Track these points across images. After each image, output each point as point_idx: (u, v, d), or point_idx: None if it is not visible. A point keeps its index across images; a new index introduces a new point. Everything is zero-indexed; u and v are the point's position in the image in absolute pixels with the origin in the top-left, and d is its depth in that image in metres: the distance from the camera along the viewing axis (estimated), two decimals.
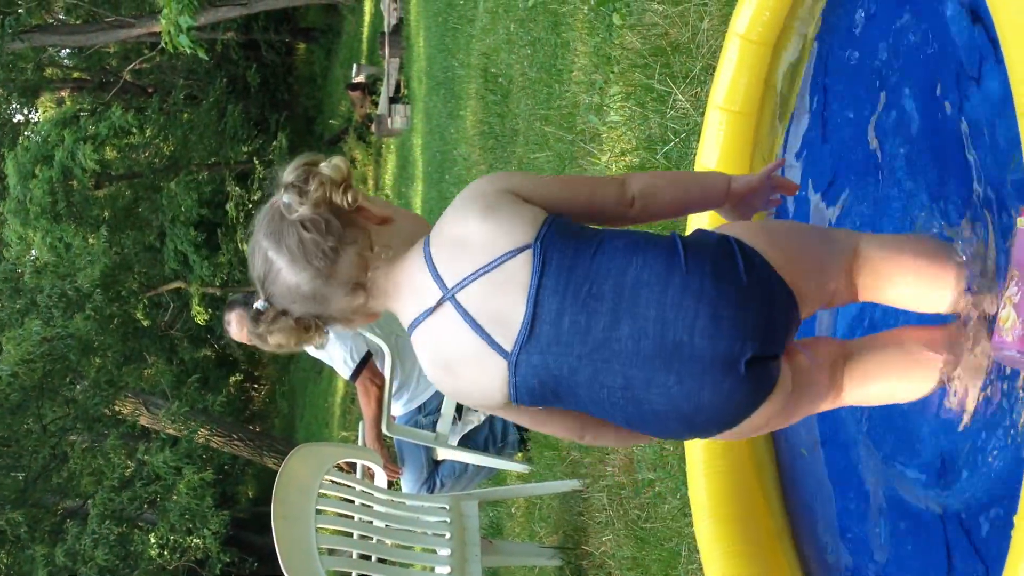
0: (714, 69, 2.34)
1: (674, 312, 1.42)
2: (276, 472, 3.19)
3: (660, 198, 1.63)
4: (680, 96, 3.02)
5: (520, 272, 1.48)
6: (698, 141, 2.37)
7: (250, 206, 19.37)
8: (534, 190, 1.57)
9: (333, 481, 3.27)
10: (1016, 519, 1.21)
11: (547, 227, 1.51)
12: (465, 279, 1.51)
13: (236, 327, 4.70)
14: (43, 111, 23.08)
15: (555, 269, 1.47)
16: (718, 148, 2.22)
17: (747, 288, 1.43)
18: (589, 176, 1.66)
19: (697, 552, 2.22)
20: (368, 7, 19.14)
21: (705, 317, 1.41)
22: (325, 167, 1.56)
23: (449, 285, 1.52)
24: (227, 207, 18.89)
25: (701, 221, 2.18)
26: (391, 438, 4.40)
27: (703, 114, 2.42)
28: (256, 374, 27.97)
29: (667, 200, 1.65)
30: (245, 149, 20.65)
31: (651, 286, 1.44)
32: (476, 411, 4.62)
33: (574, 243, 1.50)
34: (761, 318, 1.42)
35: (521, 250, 1.49)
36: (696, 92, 2.94)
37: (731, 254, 1.46)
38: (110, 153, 18.25)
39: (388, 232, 1.59)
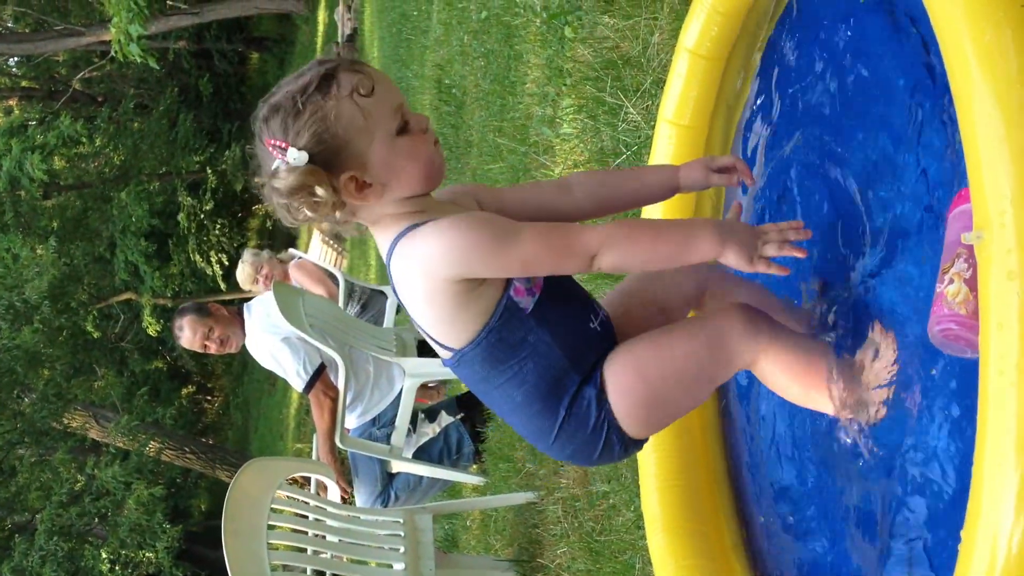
0: (664, 83, 2.36)
1: None
2: (229, 485, 3.15)
3: (630, 270, 1.78)
4: (631, 109, 3.04)
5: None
6: (649, 154, 2.39)
7: (202, 216, 19.17)
8: (499, 255, 1.56)
9: (286, 496, 3.24)
10: (963, 533, 1.23)
11: (472, 347, 1.66)
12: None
13: (189, 333, 4.64)
14: None
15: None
16: (668, 161, 2.24)
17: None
18: (559, 242, 1.61)
19: (651, 565, 2.22)
20: (322, 17, 19.06)
21: None
22: None
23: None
24: (179, 217, 18.70)
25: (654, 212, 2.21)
26: (345, 451, 4.37)
27: (654, 127, 2.44)
28: (209, 386, 27.65)
29: (637, 270, 1.81)
30: (197, 159, 20.45)
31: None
32: (431, 423, 4.60)
33: (483, 373, 1.70)
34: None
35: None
36: (647, 105, 2.96)
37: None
38: (59, 163, 17.99)
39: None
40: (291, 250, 6.46)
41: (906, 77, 1.66)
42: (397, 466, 4.36)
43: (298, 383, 4.44)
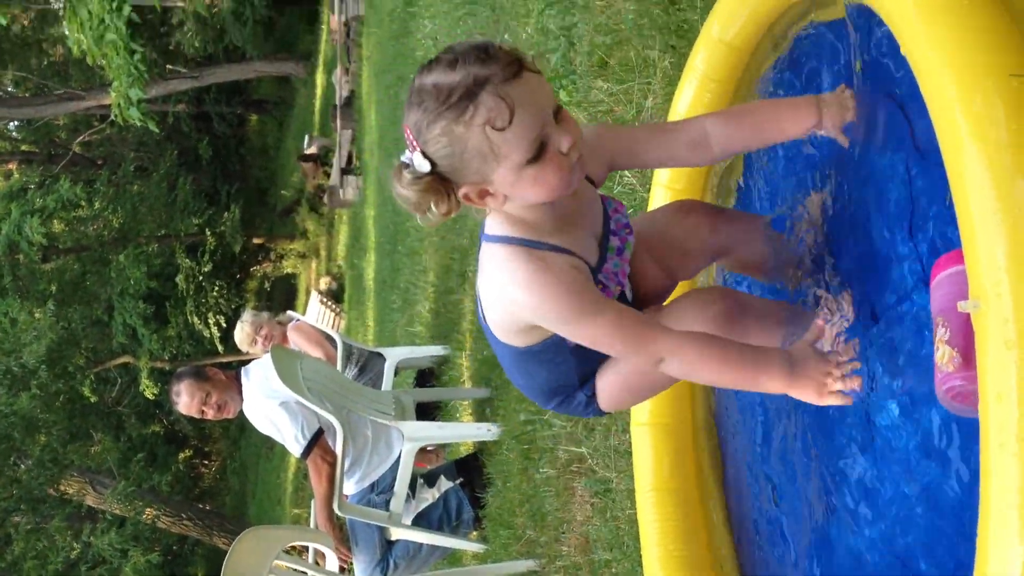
0: None
1: None
2: (226, 553, 3.11)
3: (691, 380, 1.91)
4: (627, 173, 3.06)
5: None
6: None
7: (200, 278, 19.20)
8: (573, 327, 1.67)
9: (284, 566, 3.20)
10: None
11: (510, 348, 1.83)
12: None
13: (186, 398, 4.60)
14: None
15: None
16: None
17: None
18: (633, 337, 1.66)
19: None
20: (320, 80, 19.28)
21: None
22: None
23: None
24: (177, 279, 18.72)
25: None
26: (344, 517, 4.32)
27: (649, 190, 2.45)
28: (206, 450, 27.44)
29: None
30: (196, 221, 20.54)
31: None
32: (430, 488, 4.55)
33: (508, 358, 1.91)
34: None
35: None
36: (642, 170, 2.98)
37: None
38: (58, 226, 18.06)
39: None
40: (289, 312, 6.45)
41: (898, 152, 1.66)
42: (396, 533, 4.30)
43: (296, 448, 4.40)
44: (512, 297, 1.67)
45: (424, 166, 1.54)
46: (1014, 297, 1.18)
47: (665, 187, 2.23)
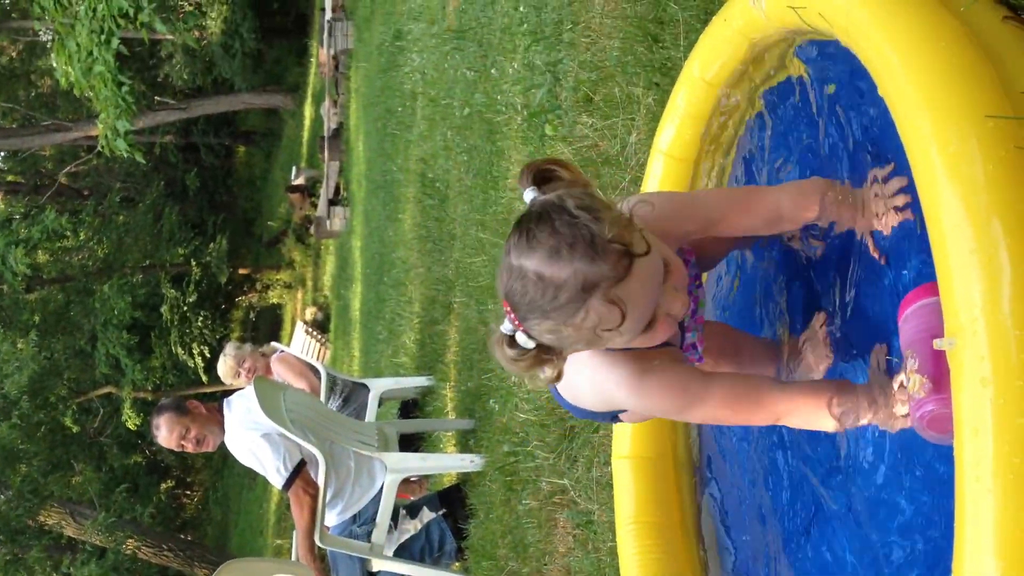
0: (641, 181, 2.40)
1: None
2: None
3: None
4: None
5: None
6: None
7: (185, 308, 19.13)
8: (683, 415, 1.81)
9: None
10: None
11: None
12: None
13: (165, 432, 4.57)
14: None
15: None
16: None
17: None
18: (747, 405, 1.67)
19: None
20: (308, 111, 19.37)
21: None
22: None
23: None
24: (162, 309, 18.65)
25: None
26: (325, 549, 4.29)
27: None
28: (188, 480, 27.22)
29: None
30: (181, 251, 20.52)
31: None
32: (412, 520, 4.54)
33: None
34: None
35: None
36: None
37: None
38: (42, 256, 18.00)
39: None
40: (273, 343, 6.44)
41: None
42: (378, 564, 4.27)
43: (277, 480, 4.38)
44: (615, 399, 1.69)
45: (529, 344, 1.47)
46: (989, 335, 1.19)
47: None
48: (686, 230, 1.72)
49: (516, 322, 1.46)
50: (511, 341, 1.48)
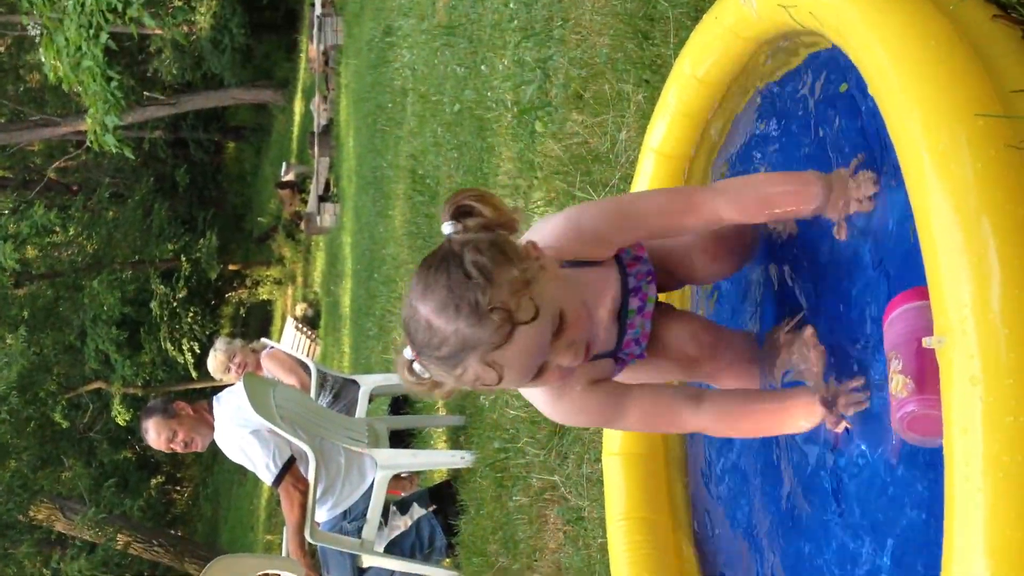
0: (631, 179, 2.40)
1: None
2: None
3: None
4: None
5: None
6: None
7: (175, 304, 19.08)
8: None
9: None
10: None
11: None
12: None
13: (153, 435, 4.60)
14: None
15: None
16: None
17: None
18: (664, 420, 1.75)
19: None
20: (298, 107, 19.32)
21: None
22: None
23: None
24: (151, 305, 18.60)
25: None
26: (316, 545, 4.29)
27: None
28: (179, 476, 27.19)
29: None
30: (171, 247, 20.46)
31: None
32: (403, 516, 4.54)
33: None
34: None
35: None
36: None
37: None
38: (31, 251, 17.93)
39: None
40: (263, 340, 6.43)
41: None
42: (368, 560, 4.28)
43: (267, 476, 4.38)
44: (543, 410, 1.76)
45: (425, 373, 1.54)
46: (979, 333, 1.19)
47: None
48: (633, 238, 1.76)
49: (414, 352, 1.52)
50: (410, 366, 1.54)
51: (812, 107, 1.90)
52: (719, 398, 1.79)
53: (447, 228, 1.53)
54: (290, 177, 16.03)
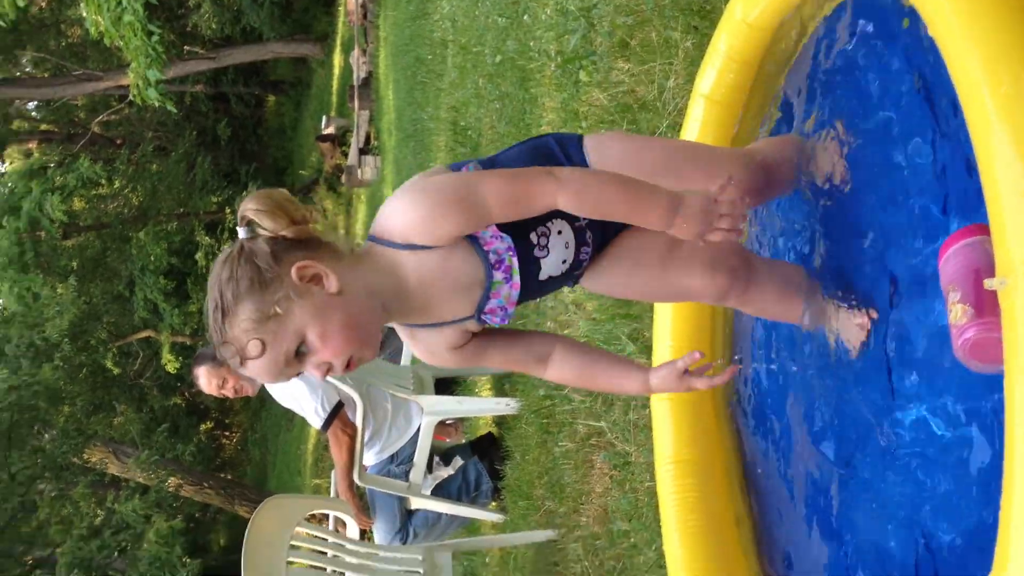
0: (680, 127, 2.40)
1: None
2: (247, 520, 3.17)
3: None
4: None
5: None
6: None
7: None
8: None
9: (305, 533, 3.26)
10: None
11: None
12: None
13: (204, 382, 4.70)
14: (10, 163, 22.94)
15: None
16: None
17: None
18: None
19: None
20: (337, 60, 19.28)
21: None
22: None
23: None
24: (196, 256, 18.82)
25: None
26: (363, 488, 4.39)
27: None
28: (227, 422, 27.68)
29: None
30: (214, 199, 20.63)
31: None
32: (446, 467, 4.62)
33: None
34: None
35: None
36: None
37: None
38: (78, 204, 18.17)
39: None
40: None
41: (928, 128, 1.69)
42: (416, 503, 4.37)
43: (316, 421, 4.46)
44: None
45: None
46: None
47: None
48: (474, 228, 1.69)
49: None
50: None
51: (866, 47, 1.89)
52: (560, 363, 1.88)
53: (241, 232, 1.65)
54: (330, 130, 16.05)
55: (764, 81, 2.17)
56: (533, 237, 1.73)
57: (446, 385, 5.41)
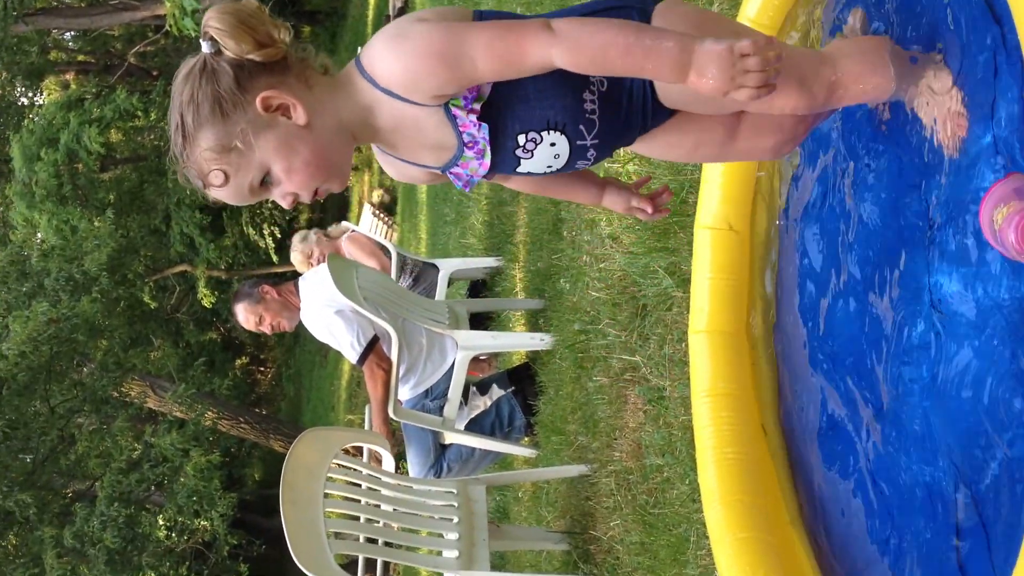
0: None
1: None
2: (282, 455, 3.20)
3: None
4: None
5: None
6: None
7: None
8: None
9: (340, 465, 3.29)
10: None
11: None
12: None
13: (242, 319, 4.82)
14: (48, 94, 23.07)
15: None
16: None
17: None
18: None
19: (706, 538, 2.22)
20: None
21: None
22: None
23: None
24: None
25: None
26: (398, 422, 4.42)
27: None
28: (262, 357, 28.08)
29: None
30: None
31: None
32: (482, 396, 4.63)
33: None
34: None
35: None
36: None
37: None
38: (115, 136, 18.25)
39: None
40: (343, 223, 6.50)
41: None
42: (449, 438, 4.39)
43: (352, 355, 4.48)
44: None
45: None
46: None
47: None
48: (457, 88, 1.56)
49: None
50: None
51: None
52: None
53: (204, 47, 1.54)
54: None
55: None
56: (521, 139, 1.63)
57: (480, 320, 5.41)
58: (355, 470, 3.37)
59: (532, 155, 1.65)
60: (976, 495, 1.56)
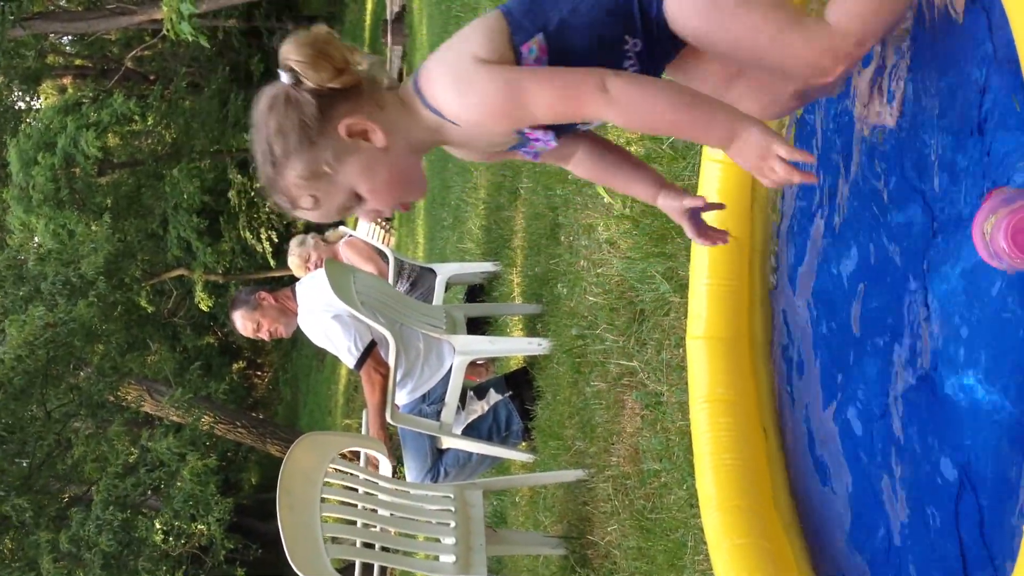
0: None
1: None
2: (279, 459, 3.20)
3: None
4: None
5: None
6: None
7: (252, 193, 19.36)
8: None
9: (337, 470, 3.28)
10: None
11: None
12: None
13: (240, 326, 4.83)
14: (45, 98, 23.05)
15: None
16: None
17: None
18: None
19: (704, 543, 2.22)
20: None
21: None
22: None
23: None
24: (229, 195, 18.90)
25: None
26: (395, 427, 4.41)
27: None
28: (259, 361, 28.05)
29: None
30: (247, 136, 20.61)
31: None
32: (480, 400, 4.63)
33: None
34: None
35: None
36: None
37: None
38: (112, 140, 18.24)
39: None
40: (341, 228, 6.50)
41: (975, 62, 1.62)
42: (447, 442, 4.39)
43: (349, 360, 4.48)
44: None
45: None
46: None
47: None
48: (515, 128, 1.68)
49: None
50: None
51: None
52: (580, 161, 1.88)
53: (284, 77, 1.60)
54: None
55: None
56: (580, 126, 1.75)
57: (477, 325, 5.41)
58: (352, 475, 3.37)
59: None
60: (978, 500, 1.56)
